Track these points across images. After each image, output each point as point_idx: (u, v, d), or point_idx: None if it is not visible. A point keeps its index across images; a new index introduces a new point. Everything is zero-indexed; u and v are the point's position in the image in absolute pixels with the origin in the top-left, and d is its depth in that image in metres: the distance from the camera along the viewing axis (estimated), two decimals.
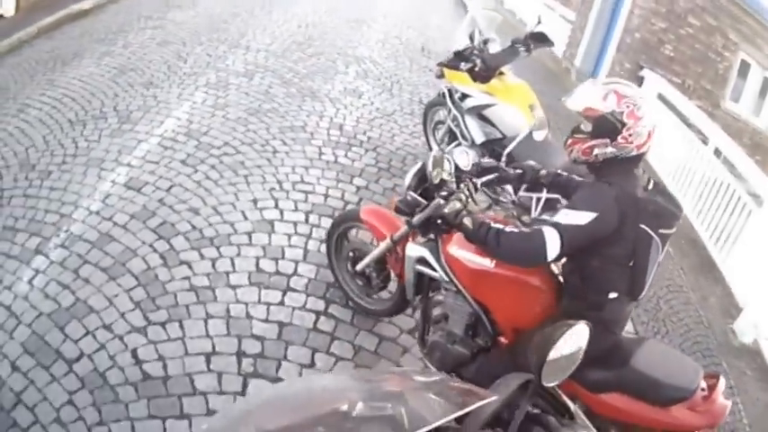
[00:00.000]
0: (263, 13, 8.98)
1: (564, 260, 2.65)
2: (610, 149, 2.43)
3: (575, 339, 1.64)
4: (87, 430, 2.82)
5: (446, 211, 2.63)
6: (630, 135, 2.39)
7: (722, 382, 2.61)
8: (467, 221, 2.55)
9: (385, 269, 3.43)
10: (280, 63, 7.15)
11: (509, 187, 4.42)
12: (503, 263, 2.65)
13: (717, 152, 5.77)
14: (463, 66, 4.77)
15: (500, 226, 2.47)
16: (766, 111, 8.72)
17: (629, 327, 4.19)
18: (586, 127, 2.47)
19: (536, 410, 1.73)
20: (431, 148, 5.57)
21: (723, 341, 4.52)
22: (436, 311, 3.07)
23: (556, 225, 2.36)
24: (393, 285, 3.51)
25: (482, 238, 2.49)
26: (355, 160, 5.34)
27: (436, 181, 2.83)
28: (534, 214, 4.28)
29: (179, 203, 4.32)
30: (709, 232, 5.48)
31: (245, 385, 3.12)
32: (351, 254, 3.59)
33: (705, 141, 6.03)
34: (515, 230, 2.44)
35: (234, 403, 2.91)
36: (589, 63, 10.27)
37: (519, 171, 3.10)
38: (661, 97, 6.99)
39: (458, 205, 2.64)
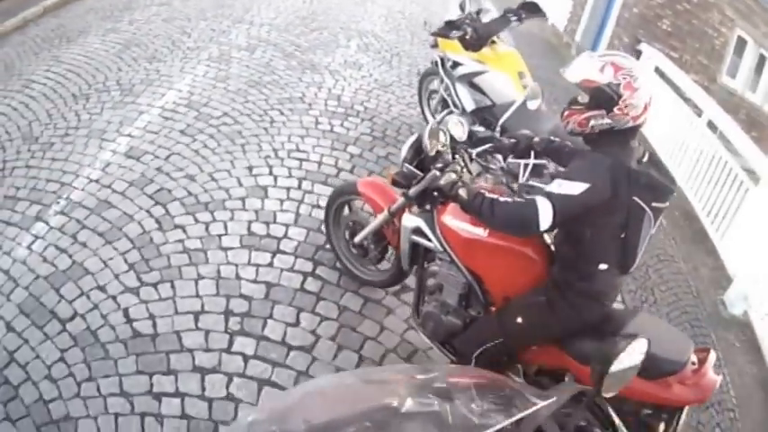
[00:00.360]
0: None
1: (556, 230, 2.60)
2: (606, 121, 2.36)
3: (635, 354, 1.65)
4: (77, 385, 2.85)
5: (442, 182, 2.60)
6: (627, 106, 2.33)
7: (712, 356, 2.54)
8: (462, 192, 2.52)
9: (382, 241, 3.38)
10: (282, 37, 7.07)
11: (498, 155, 4.35)
12: (496, 232, 2.63)
13: (712, 127, 5.61)
14: (453, 34, 4.68)
15: (495, 196, 2.44)
16: (762, 87, 8.47)
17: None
18: (583, 99, 2.41)
19: (582, 423, 1.77)
20: (425, 118, 5.49)
21: (712, 312, 4.45)
22: (431, 282, 3.06)
23: (549, 195, 2.32)
24: (391, 257, 3.47)
25: (477, 209, 2.46)
26: (351, 129, 5.27)
27: (432, 153, 2.79)
28: (522, 180, 4.19)
29: (176, 171, 4.31)
30: (702, 204, 5.37)
31: (230, 342, 3.13)
32: (349, 226, 3.54)
33: (700, 115, 5.88)
34: (509, 200, 2.41)
35: (279, 395, 2.88)
36: (589, 38, 10.05)
37: (513, 140, 3.07)
38: (658, 71, 6.80)
39: (453, 176, 2.61)
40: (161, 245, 3.65)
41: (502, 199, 2.42)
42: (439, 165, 2.73)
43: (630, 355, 1.66)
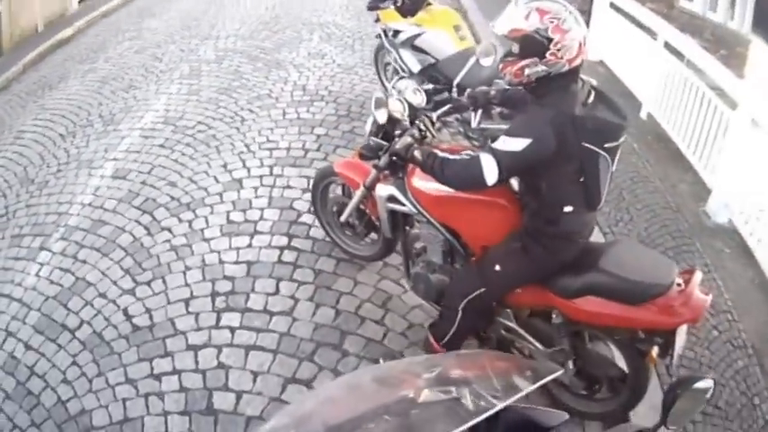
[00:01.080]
0: (231, 3, 8.95)
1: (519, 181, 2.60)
2: (541, 67, 2.25)
3: (701, 391, 1.56)
4: (89, 383, 3.01)
5: (398, 147, 2.64)
6: (559, 50, 2.21)
7: (698, 276, 2.43)
8: (417, 154, 2.54)
9: (366, 215, 3.38)
10: (248, 44, 7.15)
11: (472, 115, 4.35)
12: None
13: (677, 53, 5.38)
14: (386, 4, 4.77)
15: (445, 155, 2.45)
16: (722, 4, 8.15)
17: None
18: (516, 50, 2.31)
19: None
20: (386, 89, 5.53)
21: (695, 223, 4.35)
22: (416, 245, 3.09)
23: (493, 152, 2.28)
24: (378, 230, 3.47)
25: (430, 168, 2.47)
26: (316, 113, 5.35)
27: (381, 121, 2.83)
28: (474, 124, 4.22)
29: (159, 181, 4.45)
30: (671, 125, 5.25)
31: (218, 319, 3.26)
32: (335, 207, 3.54)
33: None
34: (458, 158, 2.42)
35: (298, 401, 2.84)
36: None
37: (472, 98, 3.03)
38: (613, 6, 6.65)
39: (408, 140, 2.64)
40: (151, 247, 3.80)
41: (451, 157, 2.42)
42: (397, 132, 2.78)
43: (694, 394, 1.56)
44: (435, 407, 1.39)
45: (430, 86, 4.66)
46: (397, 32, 4.83)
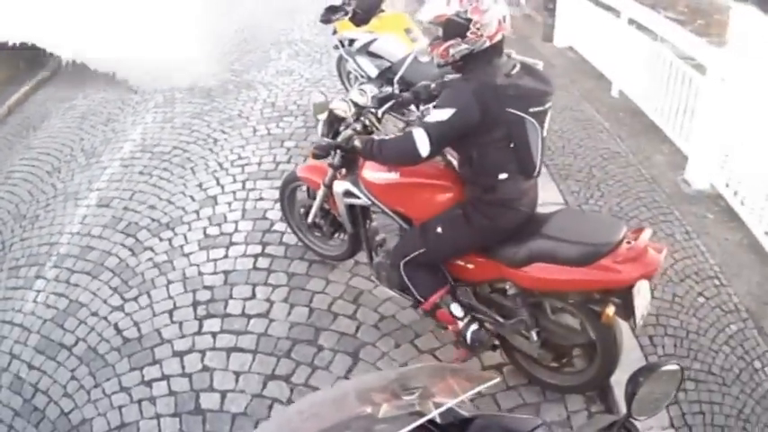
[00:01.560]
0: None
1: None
2: (463, 46, 2.41)
3: (667, 379, 1.44)
4: (87, 394, 3.19)
5: (339, 139, 2.81)
6: (479, 29, 2.36)
7: (647, 232, 2.44)
8: (357, 143, 2.71)
9: (330, 214, 3.51)
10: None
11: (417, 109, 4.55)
12: (406, 172, 2.75)
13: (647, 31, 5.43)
14: (336, 17, 4.98)
15: (381, 137, 2.61)
16: None
17: (557, 198, 4.24)
18: (441, 33, 2.47)
19: None
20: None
21: (674, 192, 4.32)
22: (377, 238, 3.24)
23: (423, 125, 2.45)
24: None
25: (370, 152, 2.63)
26: (286, 128, 5.56)
27: (322, 119, 3.01)
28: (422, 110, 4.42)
29: (140, 205, 4.64)
30: (643, 99, 5.28)
31: (200, 326, 3.45)
32: (302, 210, 3.64)
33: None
34: (392, 137, 2.59)
35: (271, 419, 2.91)
36: None
37: (414, 92, 3.17)
38: None
39: (349, 132, 2.82)
40: (135, 266, 3.99)
41: (387, 137, 2.60)
42: (341, 128, 2.97)
43: (660, 381, 1.43)
44: (396, 421, 1.34)
45: (389, 89, 4.88)
46: (352, 41, 5.06)
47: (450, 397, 1.43)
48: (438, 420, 1.41)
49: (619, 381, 2.74)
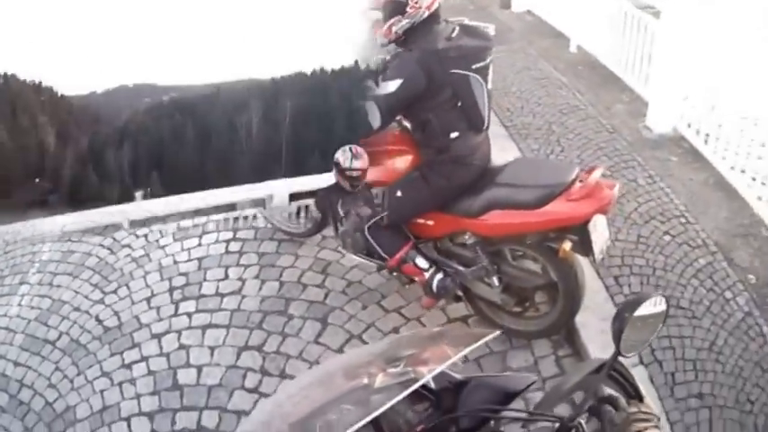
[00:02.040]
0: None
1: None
2: (404, 21, 2.54)
3: (653, 309, 1.35)
4: (70, 383, 3.22)
5: None
6: (417, 2, 2.49)
7: (598, 171, 2.49)
8: None
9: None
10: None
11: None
12: (366, 143, 2.84)
13: None
14: None
15: None
16: None
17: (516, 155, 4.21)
18: (382, 15, 2.59)
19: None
20: None
21: (636, 139, 4.28)
22: (342, 209, 3.27)
23: (375, 98, 2.53)
24: None
25: None
26: None
27: None
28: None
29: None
30: (601, 51, 5.25)
31: (176, 309, 3.50)
32: None
33: None
34: None
35: (258, 408, 2.85)
36: None
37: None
38: None
39: None
40: (114, 263, 4.02)
41: None
42: None
43: (645, 312, 1.33)
44: (393, 389, 1.30)
45: None
46: None
47: (444, 362, 1.37)
48: (432, 386, 1.41)
49: (584, 323, 2.81)
